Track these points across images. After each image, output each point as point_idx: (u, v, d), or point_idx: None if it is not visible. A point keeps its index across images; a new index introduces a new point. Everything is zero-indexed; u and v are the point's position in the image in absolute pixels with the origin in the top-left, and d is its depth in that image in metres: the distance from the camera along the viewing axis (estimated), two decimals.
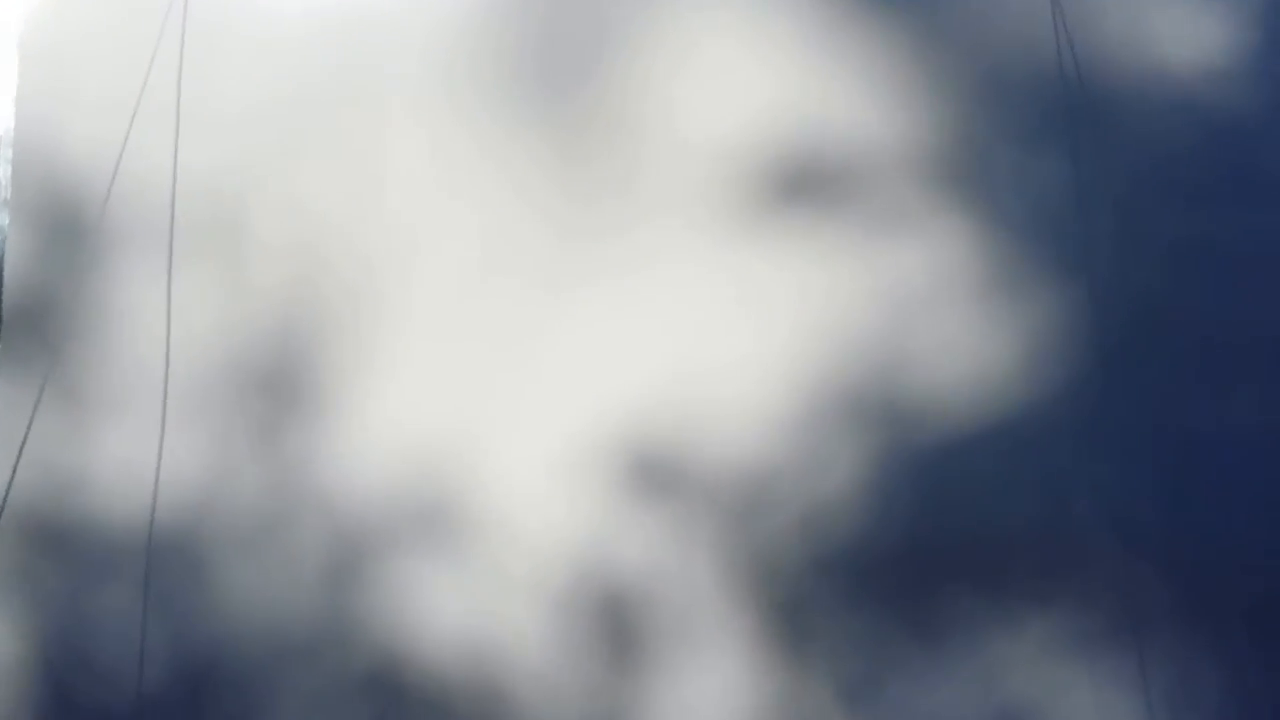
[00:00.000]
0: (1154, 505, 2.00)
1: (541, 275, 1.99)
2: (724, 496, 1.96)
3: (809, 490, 1.97)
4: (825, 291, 1.98)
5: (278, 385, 1.91)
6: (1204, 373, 2.03)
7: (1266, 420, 2.03)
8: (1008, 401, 2.00)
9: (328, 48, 1.96)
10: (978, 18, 2.02)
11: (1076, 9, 2.01)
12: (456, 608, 1.91)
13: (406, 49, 1.97)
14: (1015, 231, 2.01)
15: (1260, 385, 2.02)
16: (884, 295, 1.99)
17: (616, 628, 1.92)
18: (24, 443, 1.75)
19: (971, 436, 1.99)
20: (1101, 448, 2.01)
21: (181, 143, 1.91)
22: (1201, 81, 2.05)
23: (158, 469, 1.87)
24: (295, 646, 1.88)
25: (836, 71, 2.00)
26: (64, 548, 1.86)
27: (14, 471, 1.78)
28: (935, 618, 2.00)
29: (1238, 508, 2.03)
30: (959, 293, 1.99)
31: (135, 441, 1.88)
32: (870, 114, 2.00)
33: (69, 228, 1.90)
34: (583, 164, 1.96)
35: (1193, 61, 2.03)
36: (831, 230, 1.99)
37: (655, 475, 1.94)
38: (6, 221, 1.89)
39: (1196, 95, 2.04)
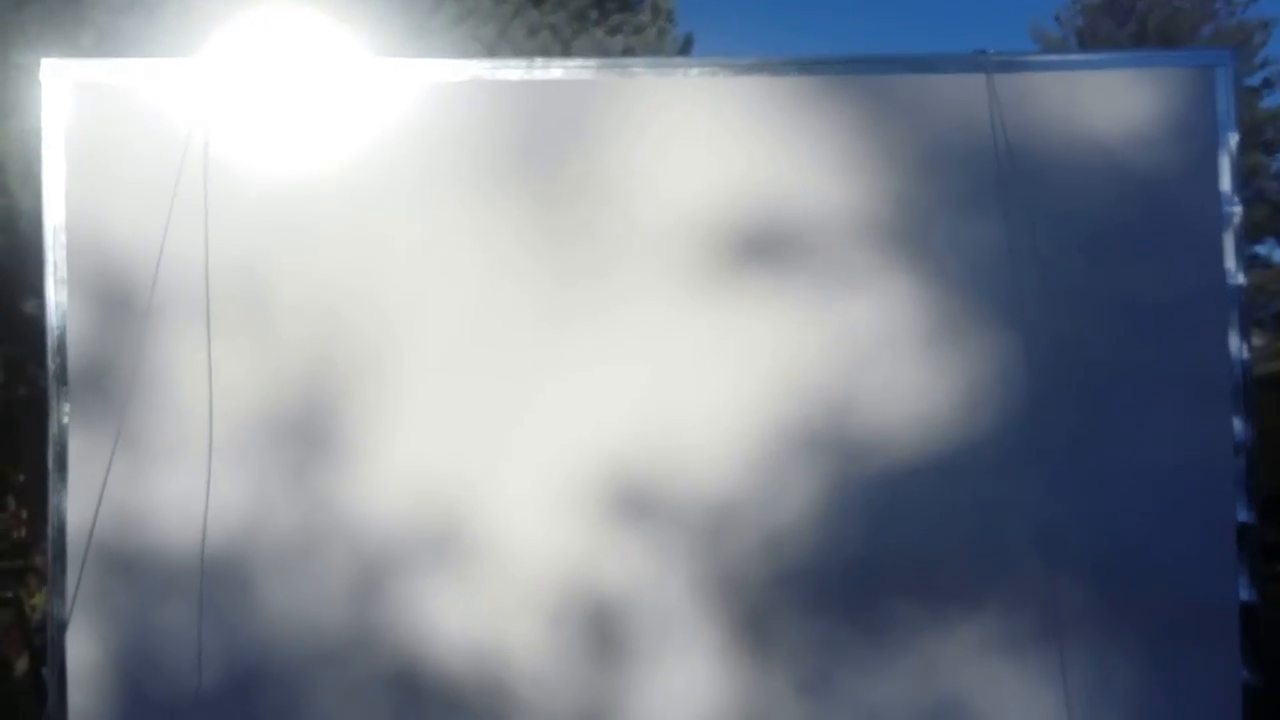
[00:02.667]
0: (1074, 525, 2.18)
1: (531, 336, 2.18)
2: (695, 522, 2.17)
3: (769, 515, 2.18)
4: (784, 342, 2.18)
5: (306, 432, 2.14)
6: (1119, 409, 2.20)
7: (1173, 450, 2.19)
8: (945, 437, 2.19)
9: (337, 150, 2.15)
10: (918, 100, 2.18)
11: (1008, 90, 2.17)
12: (464, 619, 2.14)
13: (409, 146, 2.16)
14: (953, 288, 2.19)
15: (1168, 418, 2.19)
16: (836, 345, 2.18)
17: (603, 634, 2.15)
18: (104, 488, 2.02)
19: (913, 468, 2.18)
20: (1028, 476, 2.19)
21: (213, 229, 2.10)
22: (1120, 150, 2.21)
23: (206, 504, 2.10)
24: (327, 651, 2.12)
25: (793, 151, 2.18)
26: (131, 572, 2.11)
27: (96, 513, 2.05)
28: (880, 623, 2.19)
29: (1147, 526, 2.19)
30: (902, 342, 2.18)
31: (187, 482, 2.10)
32: (823, 187, 2.18)
33: (121, 303, 2.11)
34: (565, 243, 2.15)
35: (1113, 133, 2.19)
36: (790, 289, 2.19)
37: (634, 504, 2.16)
38: (65, 298, 2.15)
39: (1116, 163, 2.20)
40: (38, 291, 3.05)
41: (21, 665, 2.90)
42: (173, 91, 2.15)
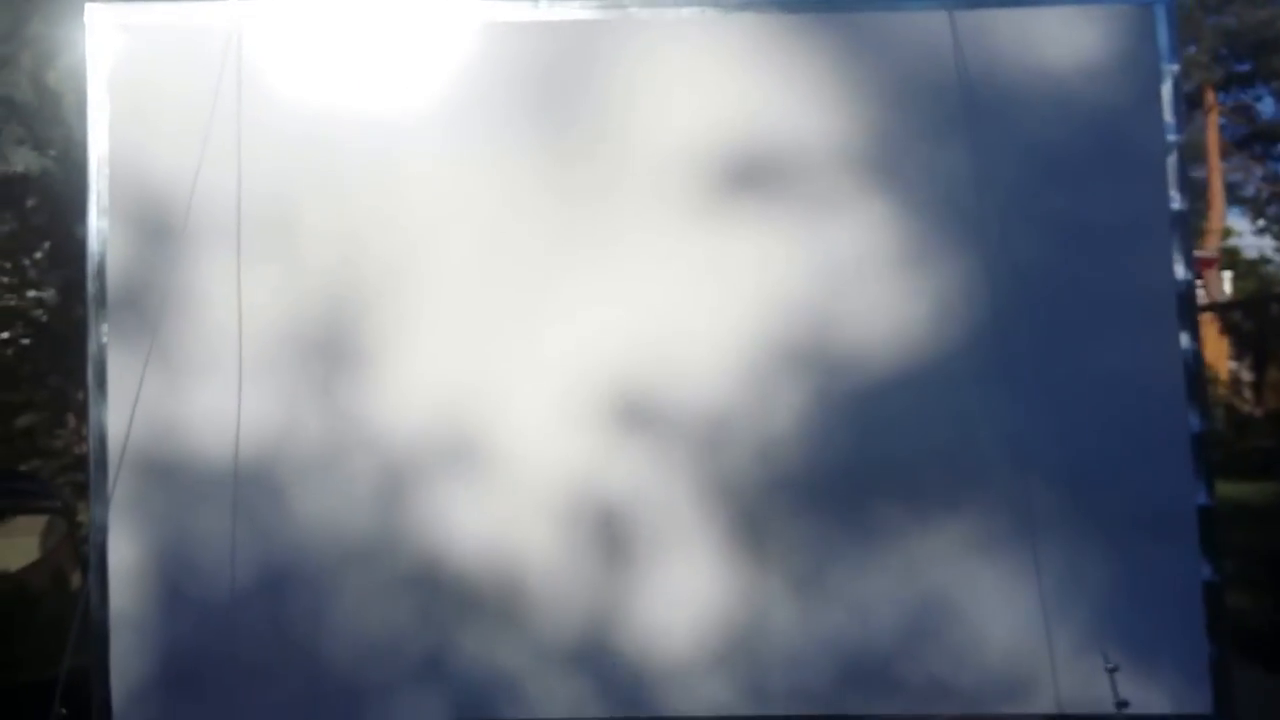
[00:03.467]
0: (1042, 431, 2.29)
1: (540, 257, 2.31)
2: (693, 431, 2.29)
3: (761, 426, 2.30)
4: (770, 264, 2.32)
5: (331, 349, 2.27)
6: (1077, 326, 2.32)
7: (1127, 364, 2.31)
8: (920, 352, 2.32)
9: (360, 87, 2.32)
10: (888, 38, 2.35)
11: (968, 26, 2.34)
12: (479, 522, 2.26)
13: (428, 83, 2.33)
14: (924, 213, 2.34)
15: (1122, 335, 2.31)
16: (818, 267, 2.32)
17: (609, 536, 2.27)
18: (136, 400, 2.17)
19: (892, 381, 2.32)
20: (996, 389, 2.31)
21: (245, 160, 2.26)
22: (1076, 80, 2.36)
23: (238, 417, 2.24)
24: (353, 553, 2.24)
25: (775, 86, 2.34)
26: (169, 479, 2.23)
27: (130, 423, 2.20)
28: (866, 524, 2.30)
29: (1109, 435, 2.30)
30: (879, 263, 2.32)
31: (220, 396, 2.24)
32: (804, 120, 2.33)
33: (158, 230, 2.27)
34: (571, 169, 2.31)
35: (1064, 67, 2.35)
36: (774, 215, 2.33)
37: (636, 415, 2.29)
38: (106, 226, 2.32)
39: (1068, 95, 2.35)
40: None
41: (76, 578, 3.01)
42: (208, 32, 2.31)
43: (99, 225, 2.28)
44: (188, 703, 2.26)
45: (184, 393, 2.25)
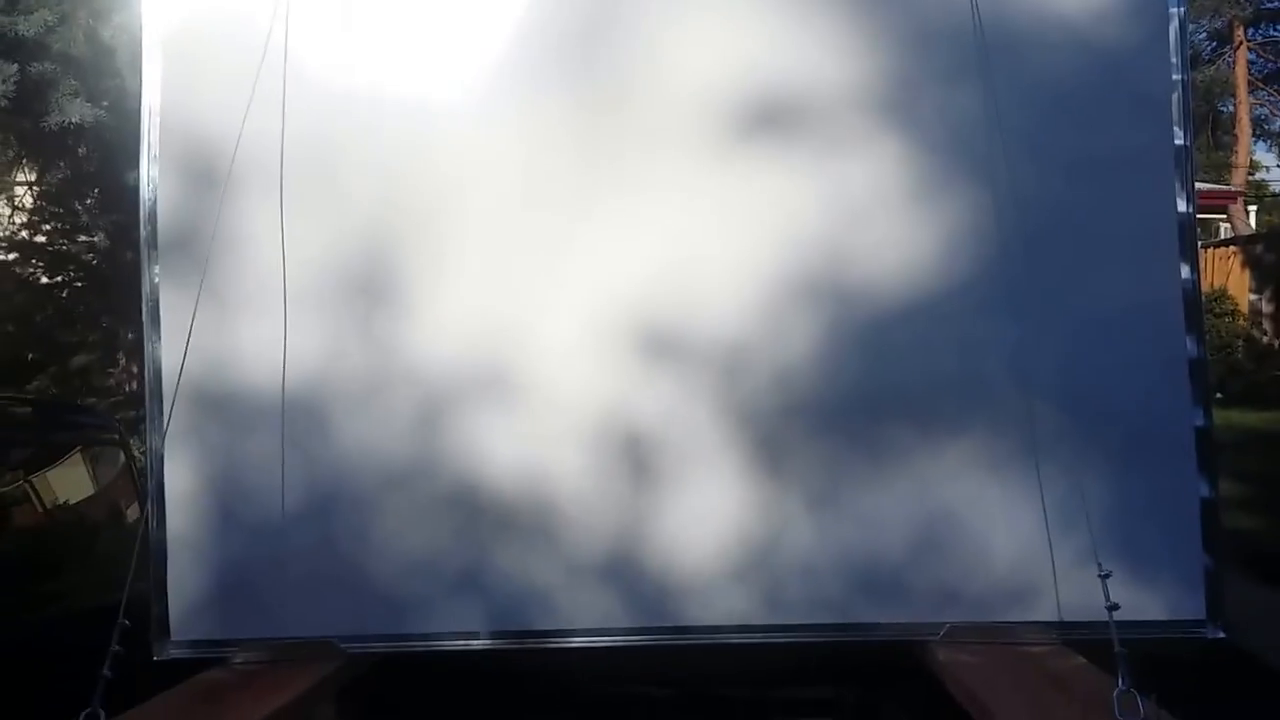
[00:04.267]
0: (1046, 357, 2.36)
1: (569, 197, 2.42)
2: (714, 359, 2.40)
3: (778, 353, 2.40)
4: (788, 201, 2.41)
5: (371, 285, 2.38)
6: (1083, 256, 2.40)
7: (1129, 293, 2.40)
8: (930, 283, 2.40)
9: (397, 37, 2.42)
10: None
11: None
12: (513, 446, 2.38)
13: (462, 32, 2.43)
14: (936, 151, 2.41)
15: (1125, 262, 2.40)
16: (834, 203, 2.41)
17: (635, 457, 2.39)
18: (190, 334, 2.29)
19: (903, 311, 2.40)
20: (1002, 317, 2.39)
21: (290, 107, 2.36)
22: (1085, 22, 2.41)
23: (285, 350, 2.36)
24: (395, 477, 2.37)
25: (793, 32, 2.42)
26: (220, 409, 2.35)
27: (184, 356, 2.33)
28: (877, 446, 2.40)
29: (1110, 360, 2.38)
30: (892, 200, 2.41)
31: (268, 330, 2.36)
32: (820, 63, 2.41)
33: (207, 175, 2.38)
34: (597, 114, 2.41)
35: (1078, 6, 2.41)
36: (792, 155, 2.42)
37: (661, 345, 2.40)
38: (157, 172, 2.43)
39: (1081, 34, 2.40)
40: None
41: (133, 511, 3.16)
42: None
43: (150, 172, 2.40)
44: (239, 616, 2.40)
45: (233, 328, 2.38)
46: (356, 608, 2.39)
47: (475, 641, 2.39)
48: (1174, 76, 2.45)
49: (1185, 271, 2.45)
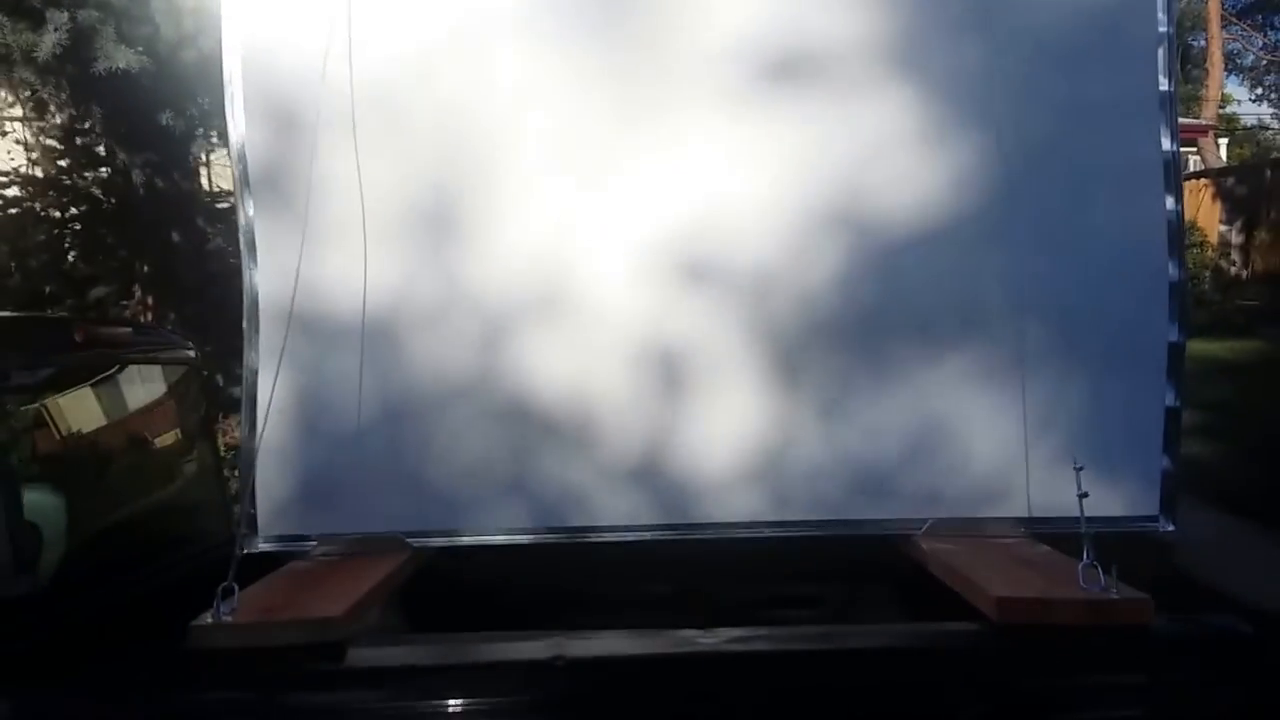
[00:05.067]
0: (1039, 281, 2.60)
1: (609, 139, 2.66)
2: (742, 285, 2.64)
3: (799, 280, 2.63)
4: (808, 142, 2.64)
5: (437, 221, 2.65)
6: (1075, 191, 2.62)
7: (1117, 222, 2.63)
8: (935, 216, 2.63)
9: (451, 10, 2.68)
10: None
11: None
12: (558, 364, 2.64)
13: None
14: (941, 97, 2.62)
15: (1114, 196, 2.62)
16: (849, 143, 2.63)
17: (667, 373, 2.64)
18: (298, 273, 2.56)
19: (911, 240, 2.63)
20: (1000, 245, 2.61)
21: (359, 63, 2.61)
22: None
23: (365, 278, 2.63)
24: (456, 391, 2.64)
25: None
26: (307, 330, 2.61)
27: (294, 290, 2.57)
28: (882, 361, 2.62)
29: (1097, 281, 2.61)
30: (901, 141, 2.63)
31: (348, 260, 2.62)
32: (838, 18, 2.63)
33: (288, 123, 2.65)
34: (634, 63, 2.64)
35: None
36: (811, 99, 2.64)
37: (693, 272, 2.65)
38: (244, 118, 2.71)
39: None
40: (171, 104, 3.69)
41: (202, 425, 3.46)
42: None
43: (236, 118, 2.68)
44: (318, 514, 2.69)
45: (318, 258, 2.63)
46: (420, 507, 2.65)
47: (520, 536, 2.70)
48: (1160, 29, 2.67)
49: (1170, 203, 2.70)
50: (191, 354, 3.30)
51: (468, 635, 2.21)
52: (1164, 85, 2.69)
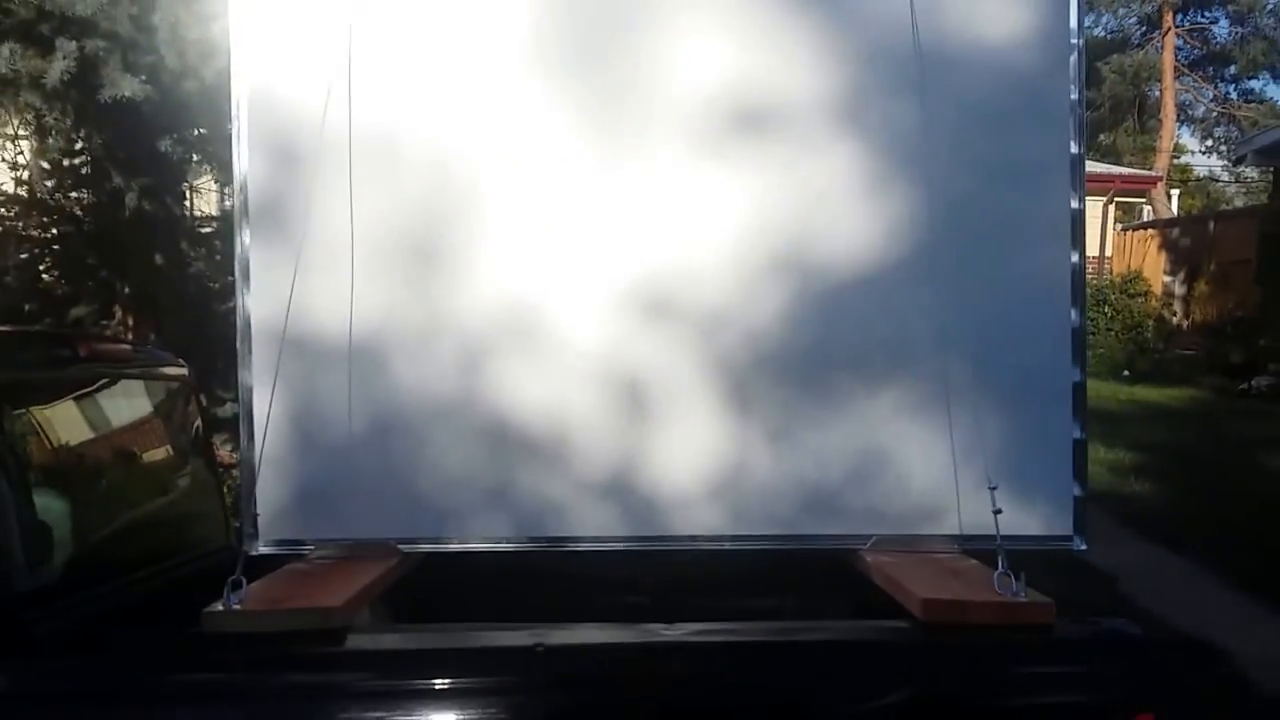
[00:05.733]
0: (962, 323, 2.84)
1: (583, 181, 2.90)
2: (698, 320, 2.83)
3: (750, 316, 2.83)
4: (760, 191, 2.89)
5: (423, 252, 2.85)
6: (996, 242, 2.91)
7: (1029, 273, 2.92)
8: (873, 261, 2.89)
9: (446, 40, 2.88)
10: (857, 11, 2.93)
11: (924, 8, 2.87)
12: (534, 386, 2.84)
13: (498, 41, 2.89)
14: (880, 153, 2.89)
15: (1028, 248, 2.91)
16: (798, 193, 2.88)
17: (632, 399, 2.86)
18: (290, 297, 2.72)
19: (850, 283, 2.89)
20: (929, 289, 2.86)
21: (356, 103, 2.82)
22: (1005, 49, 2.90)
23: (352, 303, 2.83)
24: (439, 410, 2.84)
25: (766, 49, 2.89)
26: (300, 351, 2.79)
27: (287, 314, 2.73)
28: (825, 392, 2.85)
29: (1012, 327, 2.89)
30: (844, 192, 2.89)
31: (338, 286, 2.82)
32: (788, 76, 2.89)
33: (288, 156, 2.87)
34: (607, 114, 2.89)
35: (1000, 36, 2.90)
36: (764, 152, 2.90)
37: (655, 307, 2.87)
38: (247, 152, 2.93)
39: (1002, 59, 2.90)
40: (170, 131, 3.93)
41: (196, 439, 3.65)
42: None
43: (238, 149, 2.90)
44: (314, 520, 2.92)
45: (310, 284, 2.84)
46: (409, 515, 2.85)
47: (501, 544, 2.88)
48: (1072, 97, 3.02)
49: (1074, 256, 3.04)
50: (185, 371, 3.49)
51: (458, 625, 2.48)
52: (1074, 149, 3.03)
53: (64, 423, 2.86)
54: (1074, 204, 3.03)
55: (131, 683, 2.22)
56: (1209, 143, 37.44)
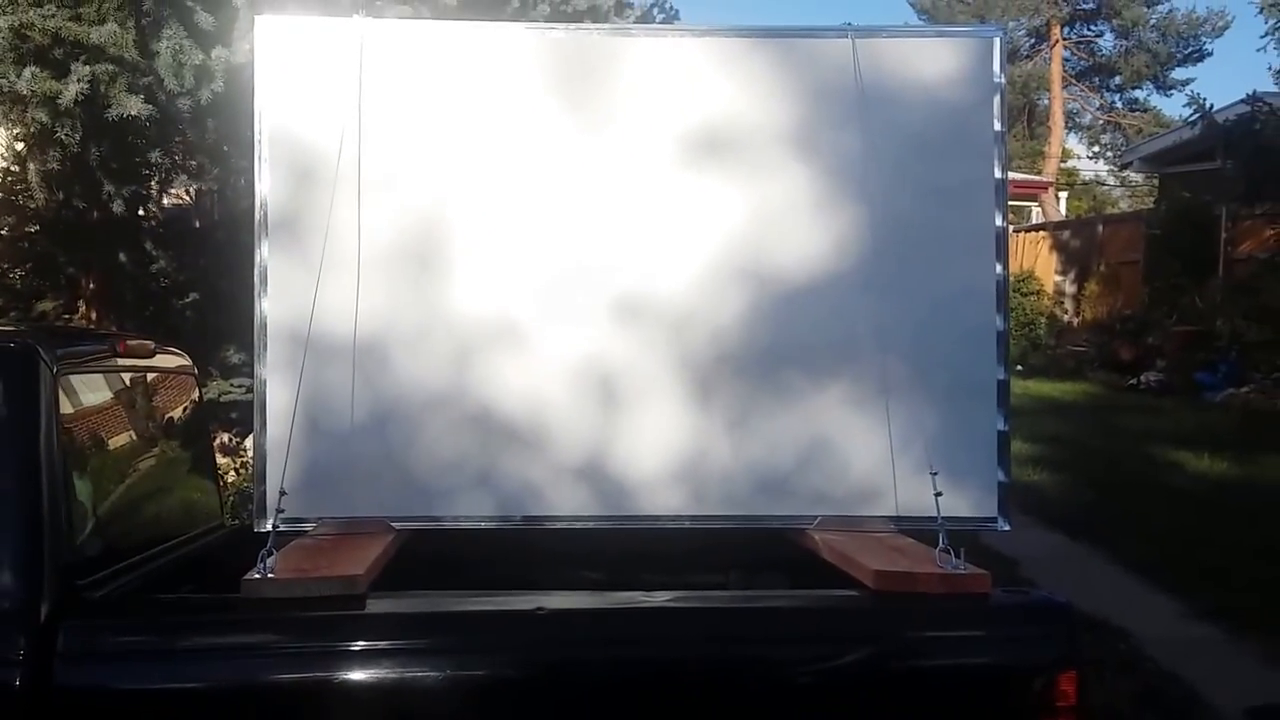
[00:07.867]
0: (900, 326, 3.15)
1: (566, 201, 3.24)
2: (666, 322, 3.15)
3: (712, 319, 3.16)
4: (723, 210, 3.23)
5: (422, 260, 3.16)
6: (930, 254, 3.24)
7: (960, 282, 3.25)
8: (822, 271, 3.22)
9: (446, 80, 3.24)
10: (808, 55, 3.30)
11: (865, 49, 3.25)
12: (519, 381, 3.12)
13: (492, 80, 3.23)
14: (829, 178, 3.25)
15: (959, 259, 3.25)
16: (756, 215, 3.22)
17: (605, 392, 3.14)
18: (314, 307, 3.04)
19: (801, 290, 3.23)
20: (871, 295, 3.14)
21: (365, 132, 3.15)
22: (938, 87, 3.27)
23: (357, 305, 3.16)
24: (434, 401, 3.15)
25: (730, 86, 3.26)
26: (310, 347, 3.07)
27: (311, 319, 3.07)
28: (779, 387, 3.15)
29: (944, 329, 3.18)
30: (798, 211, 3.24)
31: (345, 289, 3.14)
32: (748, 111, 3.26)
33: (305, 177, 3.21)
34: (588, 143, 3.24)
35: (934, 76, 3.26)
36: (727, 175, 3.24)
37: (628, 311, 3.21)
38: (267, 173, 3.27)
39: (935, 96, 3.26)
40: (160, 143, 4.41)
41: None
42: (342, 42, 3.23)
43: (263, 174, 3.24)
44: (320, 499, 3.22)
45: (322, 287, 3.15)
46: (404, 496, 3.12)
47: (486, 522, 3.16)
48: (996, 129, 3.42)
49: (999, 269, 3.43)
50: (190, 364, 3.82)
51: (465, 592, 2.81)
52: (998, 174, 3.43)
53: (103, 411, 3.17)
54: (998, 222, 3.42)
55: (188, 640, 2.54)
56: (1095, 149, 38.63)
